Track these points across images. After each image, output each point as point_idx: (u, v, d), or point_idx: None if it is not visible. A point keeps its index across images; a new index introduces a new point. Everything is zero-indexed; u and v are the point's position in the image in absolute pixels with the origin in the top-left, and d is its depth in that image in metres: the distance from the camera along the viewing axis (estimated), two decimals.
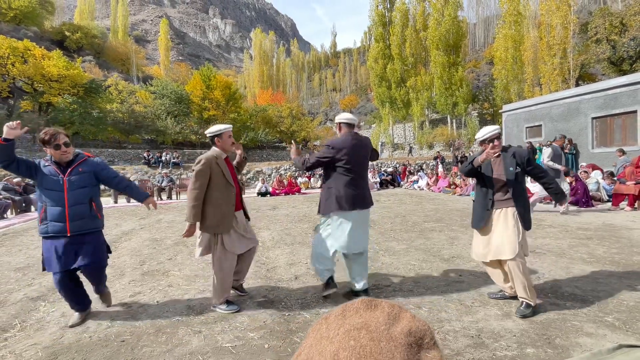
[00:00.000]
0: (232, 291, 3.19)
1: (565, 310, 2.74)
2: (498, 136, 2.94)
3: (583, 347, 2.19)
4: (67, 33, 47.31)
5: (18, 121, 2.56)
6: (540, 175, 2.99)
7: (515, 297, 2.88)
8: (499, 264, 2.96)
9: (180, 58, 73.00)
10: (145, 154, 19.80)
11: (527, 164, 2.91)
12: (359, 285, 3.12)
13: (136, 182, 15.34)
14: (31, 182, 13.43)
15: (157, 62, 63.47)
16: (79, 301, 2.87)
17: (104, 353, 2.34)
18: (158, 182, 14.48)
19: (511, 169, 2.87)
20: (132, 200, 13.03)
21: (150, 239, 6.10)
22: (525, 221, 2.82)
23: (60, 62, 23.03)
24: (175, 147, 25.43)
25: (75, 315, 2.85)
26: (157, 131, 25.94)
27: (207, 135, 3.09)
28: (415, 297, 3.13)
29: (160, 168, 18.66)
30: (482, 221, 2.96)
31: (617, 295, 2.97)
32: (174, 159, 19.70)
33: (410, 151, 28.23)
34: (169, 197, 13.92)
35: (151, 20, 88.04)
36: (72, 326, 2.75)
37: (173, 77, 49.04)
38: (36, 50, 22.74)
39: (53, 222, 2.68)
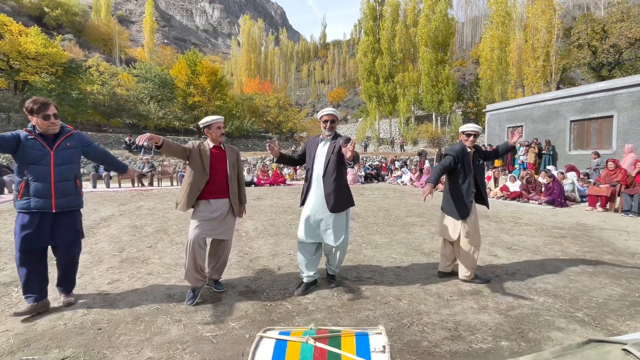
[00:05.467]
0: (206, 285, 3.14)
1: (539, 305, 2.84)
2: (477, 133, 3.43)
3: (554, 341, 2.28)
4: (46, 9, 45.30)
5: None
6: (492, 153, 3.66)
7: (449, 273, 3.56)
8: (453, 244, 3.47)
9: (165, 41, 70.96)
10: (126, 139, 19.28)
11: (484, 154, 3.58)
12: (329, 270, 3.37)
13: None
14: (5, 163, 12.88)
15: (141, 45, 61.46)
16: (39, 287, 2.67)
17: (79, 341, 2.28)
18: (139, 168, 14.14)
19: (478, 162, 3.47)
20: (111, 185, 12.71)
21: (130, 226, 5.97)
22: (486, 200, 3.53)
23: (39, 39, 22.05)
24: (158, 133, 24.88)
25: (26, 304, 2.61)
26: (139, 115, 25.29)
27: (200, 125, 3.08)
28: (395, 289, 3.18)
29: (141, 154, 18.22)
30: (468, 211, 3.34)
31: (587, 292, 3.11)
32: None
33: (401, 147, 28.58)
34: (150, 183, 13.63)
35: (136, 0, 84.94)
36: (18, 314, 2.54)
37: (157, 60, 47.68)
38: (13, 25, 21.69)
39: (37, 198, 2.56)
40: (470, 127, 3.44)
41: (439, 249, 4.53)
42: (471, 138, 3.39)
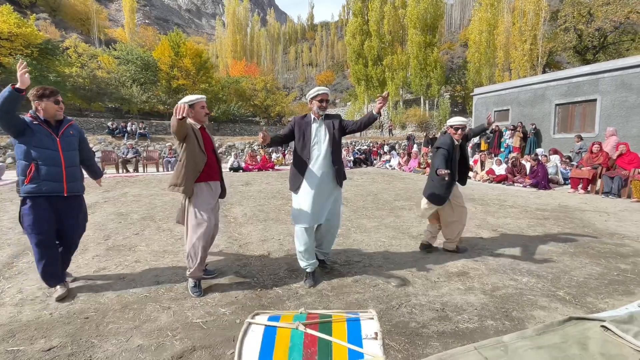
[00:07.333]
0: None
1: (522, 285, 2.93)
2: (464, 127, 3.62)
3: (537, 319, 2.36)
4: None
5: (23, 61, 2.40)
6: (470, 136, 3.94)
7: (430, 246, 3.88)
8: (438, 220, 3.82)
9: (146, 21, 68.31)
10: (109, 124, 18.74)
11: (465, 139, 3.80)
12: (320, 255, 3.34)
13: (99, 153, 14.57)
14: None
15: (121, 25, 58.93)
16: (59, 270, 2.78)
17: (66, 330, 2.25)
18: (123, 153, 13.82)
19: (463, 149, 3.78)
20: None
21: (115, 213, 5.86)
22: (465, 180, 3.89)
23: (11, 18, 20.91)
24: (141, 117, 24.26)
25: (58, 288, 2.73)
26: (121, 99, 24.52)
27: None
28: (384, 272, 3.23)
29: (125, 139, 17.79)
30: (445, 201, 3.65)
31: (568, 272, 3.21)
32: (140, 129, 18.79)
33: (390, 131, 28.83)
34: (135, 169, 13.36)
35: None
36: (60, 299, 2.65)
37: (139, 41, 45.94)
38: None
39: (49, 182, 2.63)
40: (457, 120, 3.59)
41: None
42: (459, 132, 3.60)
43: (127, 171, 13.12)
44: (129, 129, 18.55)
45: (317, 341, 1.40)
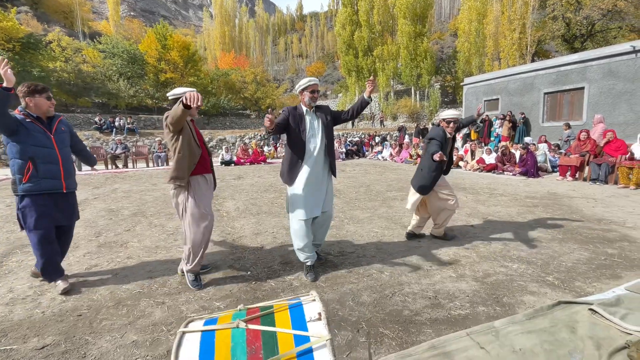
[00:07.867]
0: None
1: (512, 271, 2.98)
2: (456, 120, 3.68)
3: (527, 304, 2.41)
4: None
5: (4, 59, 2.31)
6: (460, 127, 3.93)
7: (415, 235, 4.00)
8: (426, 211, 3.90)
9: (132, 14, 66.79)
10: (96, 119, 18.37)
11: (455, 131, 3.81)
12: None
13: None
14: None
15: (106, 17, 57.54)
16: (59, 264, 2.82)
17: (59, 328, 2.23)
18: (111, 149, 13.60)
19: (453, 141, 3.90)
20: (83, 168, 12.21)
21: (105, 210, 5.79)
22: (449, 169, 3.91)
23: None
24: (129, 112, 23.86)
25: (59, 283, 2.77)
26: (108, 94, 24.04)
27: (169, 97, 2.87)
28: (377, 262, 3.26)
29: (113, 134, 17.49)
30: (429, 190, 3.71)
31: (557, 257, 3.28)
32: (128, 124, 18.46)
33: (381, 122, 28.88)
34: (125, 165, 13.17)
35: None
36: (65, 292, 2.70)
37: (124, 34, 44.85)
38: None
39: (47, 179, 2.65)
40: (450, 114, 3.65)
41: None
42: (451, 124, 3.65)
43: (117, 167, 12.93)
44: (117, 124, 18.21)
45: (260, 335, 1.34)
